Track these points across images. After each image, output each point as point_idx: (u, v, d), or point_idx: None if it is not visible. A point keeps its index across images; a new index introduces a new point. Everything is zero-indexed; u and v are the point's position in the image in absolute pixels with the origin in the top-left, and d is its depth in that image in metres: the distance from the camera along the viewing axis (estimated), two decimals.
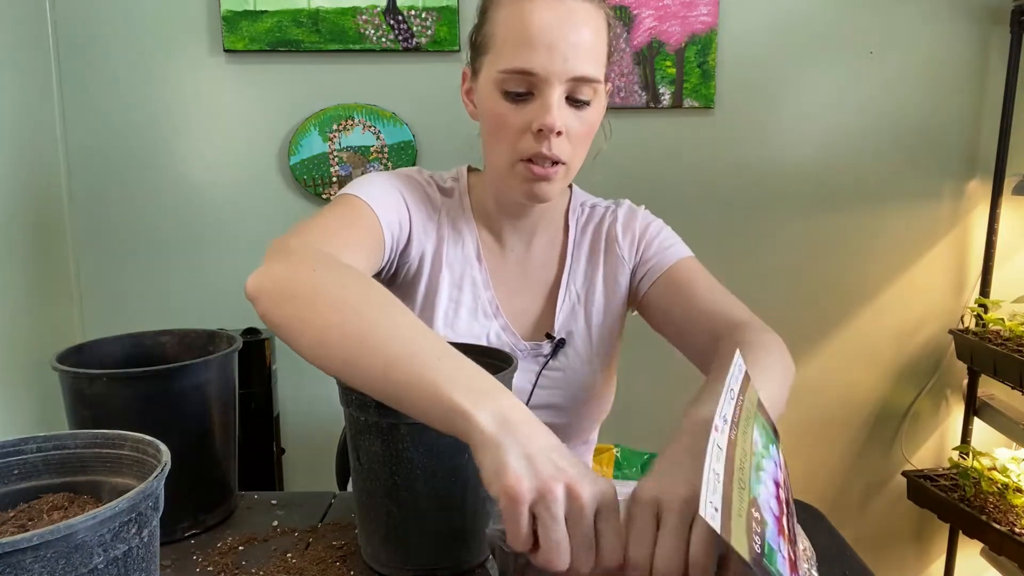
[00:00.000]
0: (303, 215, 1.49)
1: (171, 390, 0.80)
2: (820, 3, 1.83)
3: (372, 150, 1.85)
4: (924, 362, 1.99)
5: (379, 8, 1.78)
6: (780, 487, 0.57)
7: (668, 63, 1.82)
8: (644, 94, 1.84)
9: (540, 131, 0.84)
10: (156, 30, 1.80)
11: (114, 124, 1.84)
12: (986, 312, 1.83)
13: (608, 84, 0.93)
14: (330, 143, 1.84)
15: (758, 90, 1.86)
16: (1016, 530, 1.61)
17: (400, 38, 1.80)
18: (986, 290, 1.89)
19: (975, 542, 1.74)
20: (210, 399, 0.84)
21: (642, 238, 1.01)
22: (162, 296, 1.90)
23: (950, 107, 1.88)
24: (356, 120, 1.84)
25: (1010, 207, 1.87)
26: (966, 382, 1.94)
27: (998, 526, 1.63)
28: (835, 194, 1.91)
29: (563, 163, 0.88)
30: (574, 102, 0.86)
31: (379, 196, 0.90)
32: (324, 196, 1.87)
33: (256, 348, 1.75)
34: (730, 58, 1.84)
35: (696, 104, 1.84)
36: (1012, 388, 1.69)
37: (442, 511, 0.72)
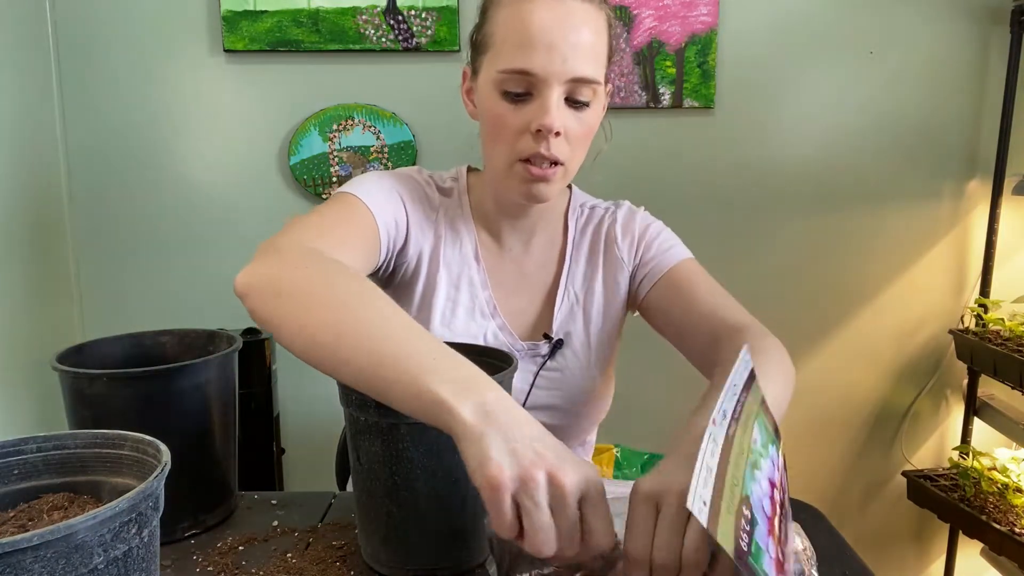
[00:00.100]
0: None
1: (171, 390, 0.80)
2: (820, 3, 1.83)
3: (372, 150, 1.85)
4: (924, 362, 1.99)
5: (379, 8, 1.78)
6: (776, 488, 0.57)
7: (668, 63, 1.82)
8: (644, 94, 1.84)
9: (539, 132, 0.84)
10: (156, 30, 1.80)
11: (114, 124, 1.84)
12: (986, 312, 1.83)
13: (608, 85, 0.93)
14: (330, 143, 1.84)
15: (758, 90, 1.86)
16: (1016, 530, 1.61)
17: (400, 38, 1.80)
18: (986, 290, 1.89)
19: (975, 542, 1.74)
20: (210, 399, 0.84)
21: (641, 240, 1.01)
22: (162, 296, 1.90)
23: (950, 107, 1.88)
24: (356, 120, 1.84)
25: (1010, 207, 1.87)
26: (966, 382, 1.94)
27: (998, 526, 1.63)
28: (835, 194, 1.91)
29: (561, 164, 0.88)
30: (573, 103, 0.86)
31: (376, 195, 0.90)
32: (324, 196, 1.86)
33: (256, 348, 1.75)
34: (730, 58, 1.84)
35: (696, 104, 1.84)
36: (1012, 388, 1.69)
37: (442, 511, 0.72)
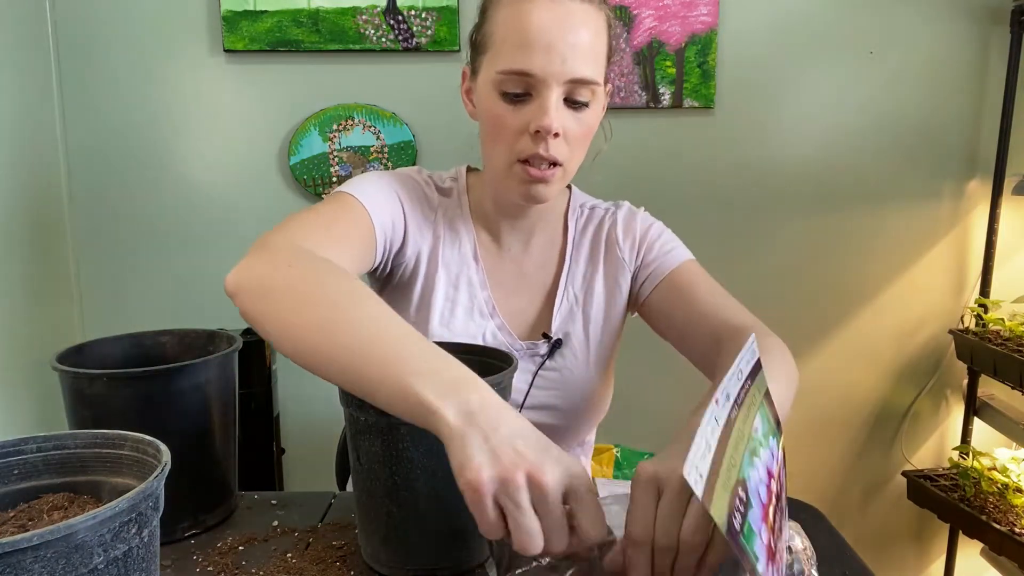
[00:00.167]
0: None
1: (171, 390, 0.80)
2: (820, 3, 1.83)
3: (372, 150, 1.85)
4: (924, 362, 1.99)
5: (379, 8, 1.78)
6: (773, 479, 0.57)
7: (668, 63, 1.82)
8: (644, 94, 1.84)
9: (537, 133, 0.84)
10: (156, 30, 1.80)
11: (114, 124, 1.84)
12: (986, 312, 1.83)
13: (608, 85, 0.93)
14: (330, 143, 1.84)
15: (758, 90, 1.86)
16: (1016, 530, 1.61)
17: (400, 38, 1.80)
18: (986, 290, 1.89)
19: (975, 542, 1.74)
20: (210, 399, 0.84)
21: (643, 241, 1.01)
22: (162, 296, 1.90)
23: (950, 107, 1.88)
24: (356, 120, 1.84)
25: (1010, 207, 1.87)
26: (966, 382, 1.94)
27: (998, 526, 1.63)
28: (835, 194, 1.91)
29: (560, 165, 0.87)
30: (572, 103, 0.86)
31: (373, 195, 0.90)
32: (324, 196, 1.84)
33: (256, 348, 1.75)
34: (730, 58, 1.84)
35: (696, 104, 1.84)
36: (1012, 388, 1.69)
37: (442, 511, 0.72)
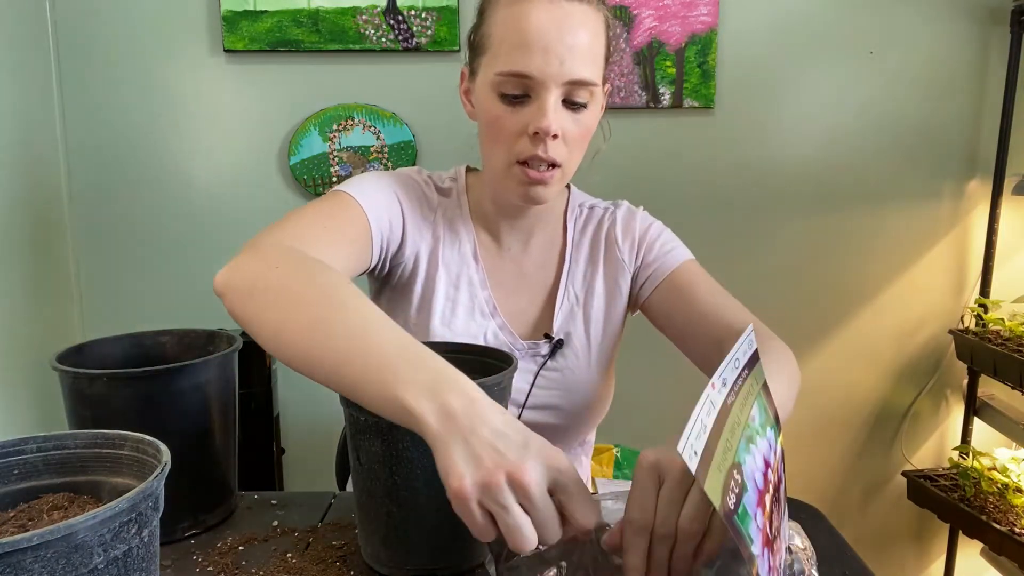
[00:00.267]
0: None
1: (171, 390, 0.79)
2: (820, 3, 1.83)
3: (372, 150, 1.85)
4: (924, 362, 1.99)
5: (379, 8, 1.78)
6: (770, 468, 0.57)
7: (668, 63, 1.82)
8: (644, 94, 1.84)
9: (536, 134, 0.84)
10: (156, 30, 1.80)
11: (114, 124, 1.84)
12: (986, 312, 1.83)
13: (607, 85, 0.93)
14: (330, 143, 1.84)
15: (758, 90, 1.86)
16: (1016, 530, 1.61)
17: (400, 38, 1.80)
18: (986, 290, 1.89)
19: (975, 542, 1.74)
20: (210, 399, 0.83)
21: (642, 242, 1.01)
22: (162, 296, 1.90)
23: (950, 107, 1.88)
24: (356, 120, 1.84)
25: (1010, 207, 1.87)
26: (966, 382, 1.94)
27: (998, 526, 1.63)
28: (835, 194, 1.91)
29: (559, 166, 0.88)
30: (570, 104, 0.86)
31: (370, 194, 0.90)
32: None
33: (256, 348, 1.72)
34: (730, 58, 1.84)
35: (696, 104, 1.84)
36: (1012, 388, 1.69)
37: (442, 511, 0.72)
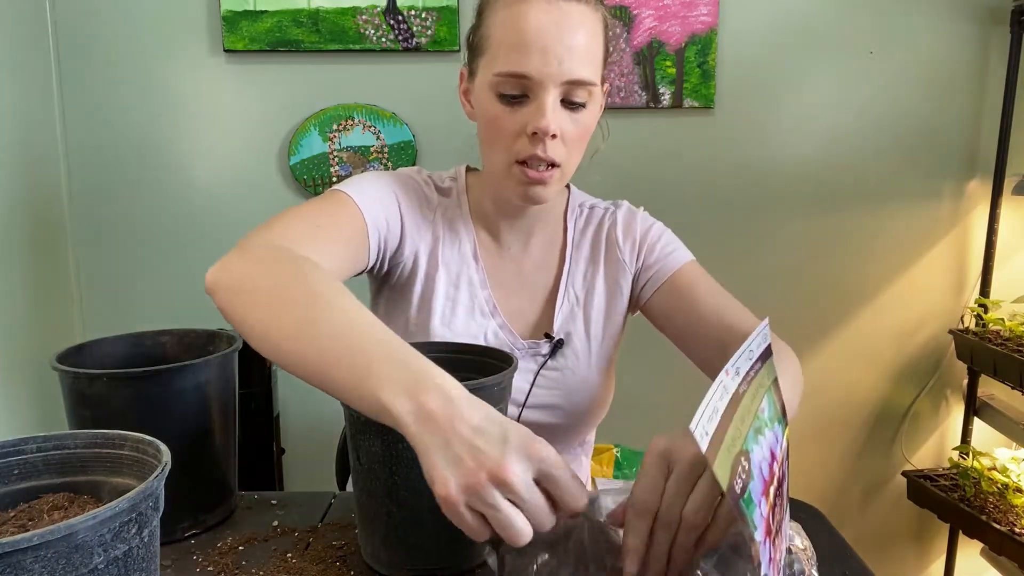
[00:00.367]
0: None
1: (171, 390, 0.79)
2: (820, 3, 1.83)
3: (372, 150, 1.85)
4: (924, 362, 1.99)
5: (379, 8, 1.78)
6: (776, 462, 0.57)
7: (668, 63, 1.82)
8: (644, 94, 1.84)
9: (535, 134, 0.85)
10: (156, 30, 1.80)
11: (114, 124, 1.84)
12: (986, 312, 1.83)
13: (605, 85, 0.93)
14: (330, 143, 1.84)
15: (758, 90, 1.86)
16: (1016, 530, 1.61)
17: (400, 38, 1.80)
18: (986, 290, 1.89)
19: (975, 542, 1.74)
20: (210, 399, 0.83)
21: (643, 243, 1.01)
22: (162, 296, 1.90)
23: (950, 107, 1.88)
24: (356, 120, 1.84)
25: (1010, 207, 1.87)
26: (966, 382, 1.94)
27: (998, 526, 1.63)
28: (835, 194, 1.91)
29: (558, 166, 0.88)
30: (569, 104, 0.86)
31: (367, 193, 0.90)
32: None
33: None
34: (730, 58, 1.84)
35: (696, 104, 1.84)
36: (1012, 388, 1.69)
37: (442, 511, 0.72)
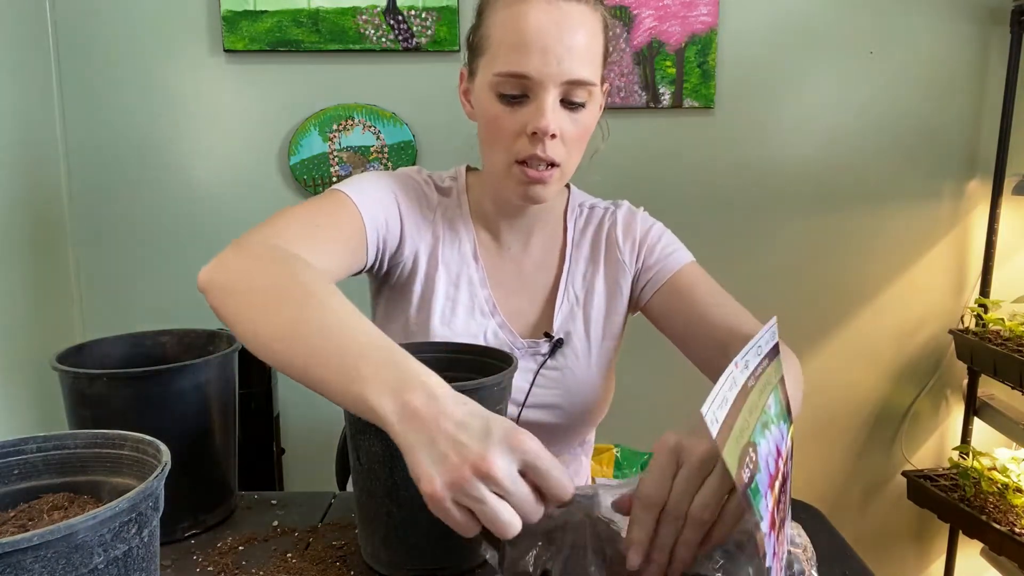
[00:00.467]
0: None
1: (171, 390, 0.80)
2: (820, 3, 1.83)
3: (372, 150, 1.85)
4: (924, 362, 1.99)
5: (379, 8, 1.78)
6: (781, 458, 0.57)
7: (668, 63, 1.82)
8: (644, 94, 1.84)
9: (535, 134, 0.85)
10: (156, 30, 1.80)
11: (114, 124, 1.84)
12: (986, 312, 1.83)
13: (605, 85, 0.93)
14: (330, 143, 1.84)
15: (758, 90, 1.86)
16: (1016, 530, 1.61)
17: (400, 38, 1.80)
18: (986, 290, 1.89)
19: (975, 542, 1.74)
20: (210, 399, 0.84)
21: (643, 244, 1.01)
22: (162, 296, 1.90)
23: (950, 107, 1.88)
24: (356, 120, 1.84)
25: (1010, 207, 1.87)
26: (966, 382, 1.94)
27: (998, 526, 1.63)
28: (835, 194, 1.91)
29: (558, 165, 0.88)
30: (569, 104, 0.86)
31: (367, 193, 0.90)
32: None
33: None
34: (730, 58, 1.84)
35: (696, 104, 1.84)
36: (1012, 388, 1.69)
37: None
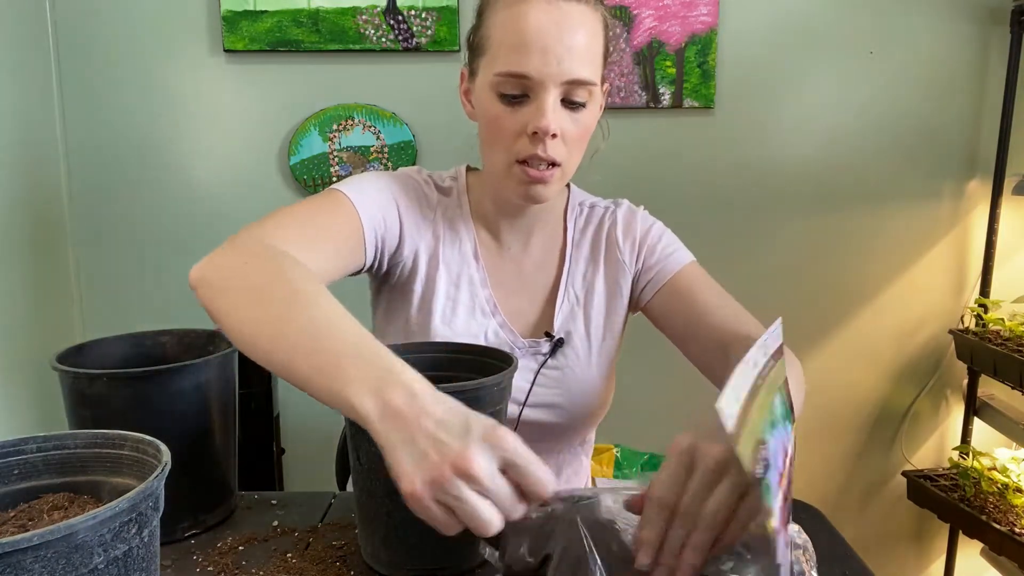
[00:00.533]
0: None
1: (171, 390, 0.80)
2: (820, 3, 1.83)
3: (372, 150, 1.85)
4: (924, 362, 1.99)
5: (379, 8, 1.78)
6: (787, 457, 0.57)
7: (668, 63, 1.82)
8: (644, 94, 1.84)
9: (535, 134, 0.85)
10: (156, 30, 1.80)
11: (114, 124, 1.84)
12: (986, 312, 1.83)
13: (605, 85, 0.93)
14: (330, 143, 1.84)
15: (758, 90, 1.86)
16: (1016, 530, 1.61)
17: (400, 38, 1.80)
18: (986, 290, 1.89)
19: (975, 542, 1.74)
20: (210, 399, 0.84)
21: (643, 244, 1.01)
22: (162, 296, 1.90)
23: (950, 107, 1.88)
24: (356, 120, 1.84)
25: (1010, 207, 1.87)
26: (966, 382, 1.94)
27: (998, 526, 1.63)
28: (835, 194, 1.91)
29: (558, 165, 0.88)
30: (569, 104, 0.86)
31: (365, 193, 0.90)
32: None
33: None
34: (730, 58, 1.84)
35: (696, 104, 1.84)
36: (1012, 388, 1.69)
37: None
